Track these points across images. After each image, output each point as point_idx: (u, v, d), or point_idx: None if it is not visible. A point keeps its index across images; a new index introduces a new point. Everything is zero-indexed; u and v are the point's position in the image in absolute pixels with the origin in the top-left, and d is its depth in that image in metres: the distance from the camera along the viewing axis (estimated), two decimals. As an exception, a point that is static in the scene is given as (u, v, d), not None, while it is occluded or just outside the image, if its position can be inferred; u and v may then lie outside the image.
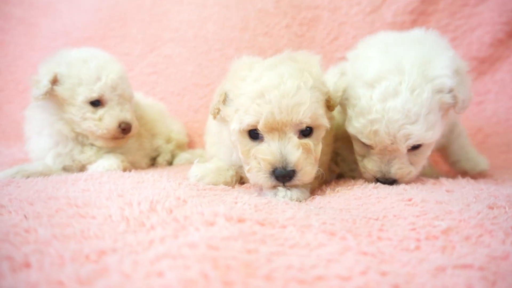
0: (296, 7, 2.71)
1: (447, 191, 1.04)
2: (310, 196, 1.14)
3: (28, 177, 1.31)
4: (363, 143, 1.23)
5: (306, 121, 1.04)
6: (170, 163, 1.98)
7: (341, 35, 2.66)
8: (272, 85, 1.04)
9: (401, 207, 0.88)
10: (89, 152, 1.56)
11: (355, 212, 0.89)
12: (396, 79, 1.11)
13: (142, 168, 1.76)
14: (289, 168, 1.03)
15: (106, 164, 1.46)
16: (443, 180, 1.23)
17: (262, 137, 1.08)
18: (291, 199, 1.07)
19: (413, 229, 0.73)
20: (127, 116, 1.53)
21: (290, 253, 0.64)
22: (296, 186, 1.09)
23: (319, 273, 0.56)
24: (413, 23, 2.55)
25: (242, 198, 1.02)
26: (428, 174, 1.41)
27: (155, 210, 0.81)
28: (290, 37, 2.67)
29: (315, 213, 0.86)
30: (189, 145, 2.30)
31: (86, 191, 1.00)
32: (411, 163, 1.21)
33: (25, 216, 0.75)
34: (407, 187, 1.11)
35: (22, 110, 2.63)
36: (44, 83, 1.40)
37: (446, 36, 2.50)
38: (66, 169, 1.54)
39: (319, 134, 1.11)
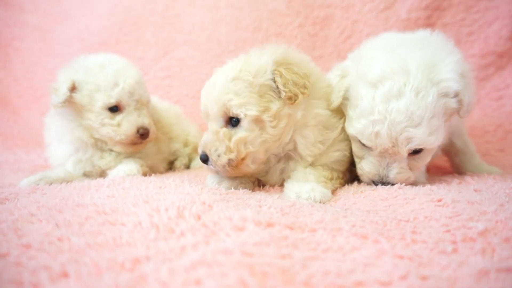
0: (308, 7, 2.70)
1: (476, 190, 1.02)
2: (332, 197, 1.13)
3: (51, 183, 1.32)
4: (363, 145, 1.20)
5: (215, 111, 1.16)
6: (187, 166, 1.99)
7: (354, 33, 2.63)
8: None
9: (431, 208, 0.86)
10: (108, 158, 1.56)
11: (383, 214, 0.88)
12: (400, 80, 1.08)
13: (160, 172, 1.76)
14: (200, 151, 1.20)
15: (126, 169, 1.47)
16: (469, 178, 1.21)
17: None
18: (314, 201, 1.07)
19: (448, 231, 0.72)
20: (145, 121, 1.54)
21: (324, 257, 0.63)
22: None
23: (358, 278, 0.55)
24: (428, 19, 2.52)
25: (266, 201, 1.01)
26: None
27: (182, 216, 0.81)
28: (303, 36, 2.66)
29: (343, 215, 0.85)
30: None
31: (111, 197, 1.00)
32: (410, 168, 1.18)
33: (57, 225, 0.76)
34: (434, 187, 1.09)
35: (40, 116, 2.68)
36: (63, 91, 1.41)
37: (462, 31, 2.50)
38: (86, 174, 1.55)
39: (242, 125, 1.14)
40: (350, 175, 1.42)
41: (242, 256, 0.60)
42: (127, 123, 1.49)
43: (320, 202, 1.07)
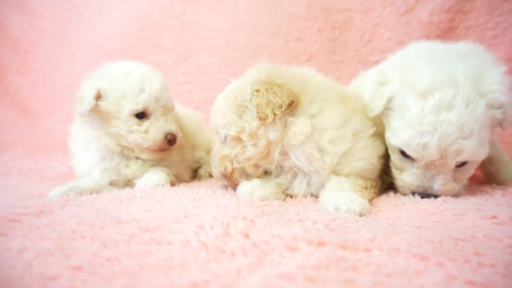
0: (327, 11, 2.67)
1: (526, 204, 0.98)
2: (372, 209, 1.10)
3: (81, 194, 1.31)
4: (404, 156, 1.18)
5: (212, 128, 1.31)
6: (210, 175, 1.96)
7: (375, 37, 2.60)
8: None
9: (488, 226, 0.82)
10: (134, 166, 1.55)
11: (435, 231, 0.85)
12: (450, 91, 1.06)
13: (186, 181, 1.74)
14: None
15: (154, 178, 1.45)
16: (512, 190, 1.16)
17: None
18: (354, 213, 1.04)
19: (515, 253, 0.68)
20: (172, 127, 1.52)
21: (389, 283, 0.60)
22: None
23: (434, 308, 0.52)
24: (450, 22, 2.48)
25: (305, 214, 0.98)
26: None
27: (229, 234, 0.79)
28: (323, 41, 2.63)
29: (393, 232, 0.82)
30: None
31: (149, 211, 0.98)
32: (454, 180, 1.15)
33: (104, 244, 0.74)
34: (480, 200, 1.05)
35: (60, 123, 2.68)
36: (88, 99, 1.40)
37: (486, 34, 2.45)
38: (112, 183, 1.53)
39: (226, 142, 1.24)
40: (382, 184, 1.39)
41: (307, 282, 0.57)
42: (155, 129, 1.47)
43: (360, 215, 1.04)
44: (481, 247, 0.72)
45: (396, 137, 1.14)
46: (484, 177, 1.54)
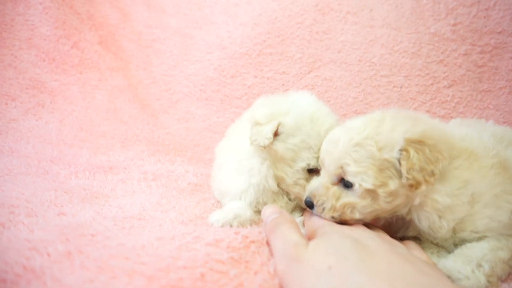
0: (476, 32, 2.37)
1: None
2: None
3: (242, 225, 1.20)
4: None
5: (331, 169, 1.13)
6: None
7: (533, 67, 2.26)
8: None
9: None
10: (280, 202, 1.40)
11: None
12: None
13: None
14: (307, 196, 1.18)
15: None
16: None
17: None
18: None
19: None
20: None
21: None
22: None
23: None
24: None
25: None
26: None
27: None
28: (469, 66, 2.34)
29: None
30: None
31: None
32: None
33: None
34: None
35: (176, 122, 2.67)
36: (268, 135, 1.21)
37: None
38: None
39: (355, 190, 1.06)
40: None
41: None
42: None
43: None
44: None
45: None
46: None
